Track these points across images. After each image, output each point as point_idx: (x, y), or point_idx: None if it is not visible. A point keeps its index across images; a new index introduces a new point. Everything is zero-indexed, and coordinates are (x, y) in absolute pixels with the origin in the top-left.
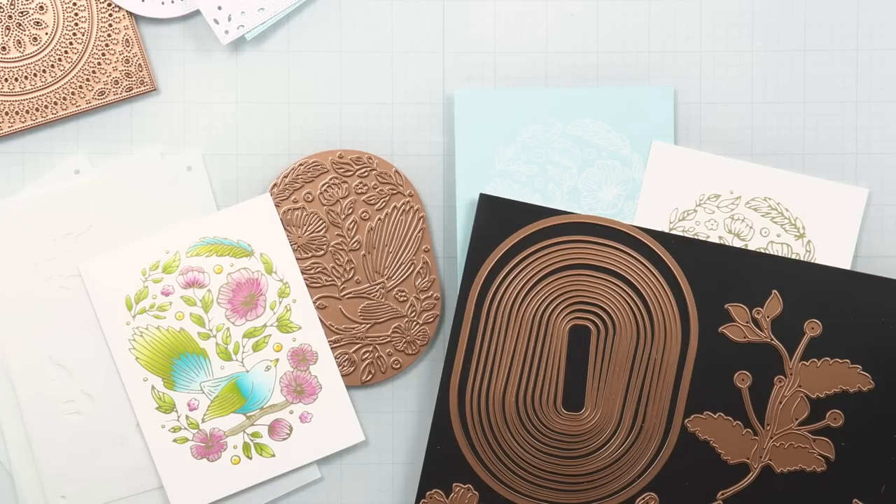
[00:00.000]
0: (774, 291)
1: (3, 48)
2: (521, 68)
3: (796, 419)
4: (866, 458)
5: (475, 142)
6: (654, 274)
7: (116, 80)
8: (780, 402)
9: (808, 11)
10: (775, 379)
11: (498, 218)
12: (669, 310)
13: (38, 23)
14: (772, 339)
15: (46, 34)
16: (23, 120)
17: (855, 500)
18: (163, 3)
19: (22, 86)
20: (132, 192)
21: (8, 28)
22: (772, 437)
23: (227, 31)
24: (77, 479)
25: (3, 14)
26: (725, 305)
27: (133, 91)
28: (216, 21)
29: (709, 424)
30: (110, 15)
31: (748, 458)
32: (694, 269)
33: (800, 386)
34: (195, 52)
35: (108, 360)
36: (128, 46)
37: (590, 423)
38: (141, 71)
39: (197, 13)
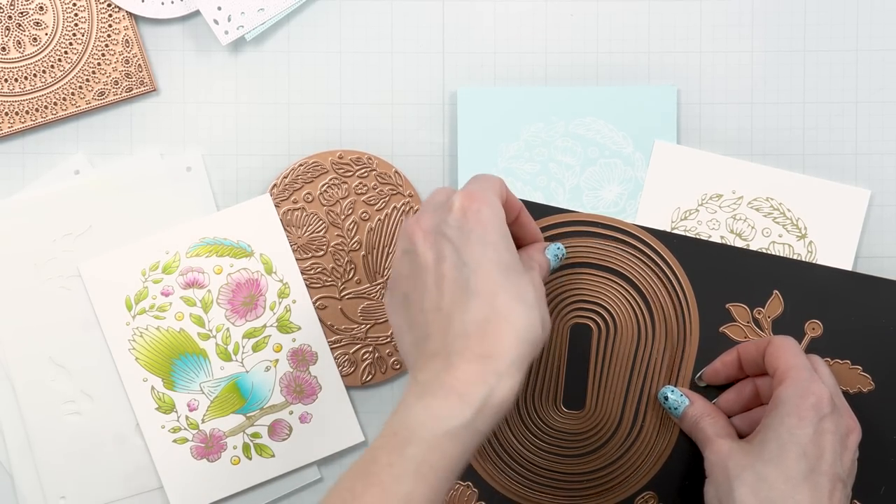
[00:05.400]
0: (775, 292)
1: (3, 48)
2: (520, 68)
3: None
4: (866, 459)
5: (478, 139)
6: (655, 273)
7: (116, 81)
8: None
9: (808, 11)
10: None
11: None
12: (670, 309)
13: (37, 23)
14: None
15: (46, 34)
16: (23, 120)
17: (854, 501)
18: (163, 4)
19: (22, 86)
20: (132, 193)
21: (8, 28)
22: None
23: (226, 32)
24: (77, 480)
25: (3, 14)
26: (726, 305)
27: (133, 91)
28: (216, 21)
29: None
30: (110, 15)
31: None
32: (695, 268)
33: None
34: (195, 53)
35: (108, 361)
36: (128, 47)
37: (590, 421)
38: (141, 71)
39: (197, 13)
